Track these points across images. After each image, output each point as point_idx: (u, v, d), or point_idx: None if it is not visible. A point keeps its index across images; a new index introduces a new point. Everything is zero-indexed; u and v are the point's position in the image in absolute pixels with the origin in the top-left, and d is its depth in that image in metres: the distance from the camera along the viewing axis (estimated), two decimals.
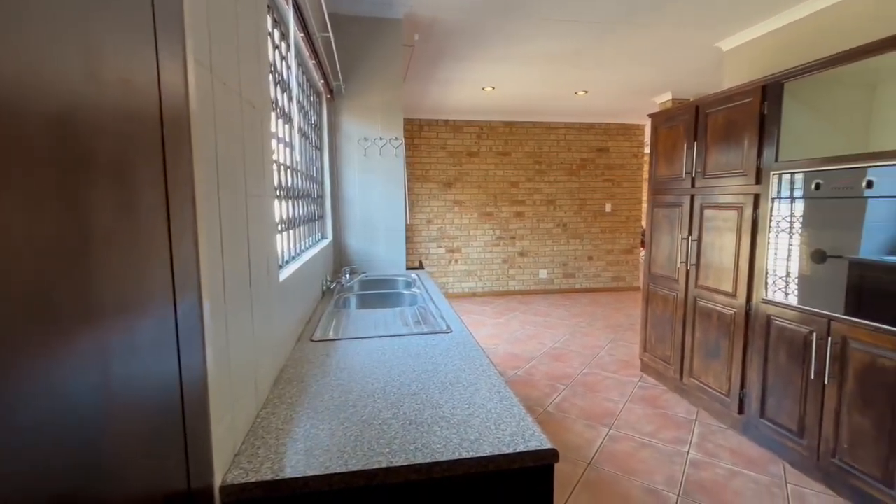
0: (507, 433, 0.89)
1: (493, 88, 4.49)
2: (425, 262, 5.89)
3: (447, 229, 5.92)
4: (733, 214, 2.41)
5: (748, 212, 2.32)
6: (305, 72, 2.25)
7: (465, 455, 0.81)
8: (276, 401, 1.04)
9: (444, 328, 1.59)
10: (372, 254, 2.90)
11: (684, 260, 2.77)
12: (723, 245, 2.49)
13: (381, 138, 2.85)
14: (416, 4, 2.62)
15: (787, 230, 2.12)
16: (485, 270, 6.07)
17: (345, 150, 2.86)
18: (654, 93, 4.71)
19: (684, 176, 2.78)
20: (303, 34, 1.74)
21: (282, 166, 1.64)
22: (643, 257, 3.27)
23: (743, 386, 2.37)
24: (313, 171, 2.49)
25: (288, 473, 0.76)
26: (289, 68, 1.71)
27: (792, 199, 2.09)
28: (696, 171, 2.68)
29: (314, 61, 2.05)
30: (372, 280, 2.60)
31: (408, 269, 2.98)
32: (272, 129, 1.46)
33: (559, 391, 2.99)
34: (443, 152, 5.81)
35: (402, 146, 2.88)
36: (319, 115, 2.72)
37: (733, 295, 2.41)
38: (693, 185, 2.71)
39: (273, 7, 1.54)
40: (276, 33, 1.58)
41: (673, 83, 4.35)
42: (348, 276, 2.37)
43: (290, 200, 1.81)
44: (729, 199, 2.45)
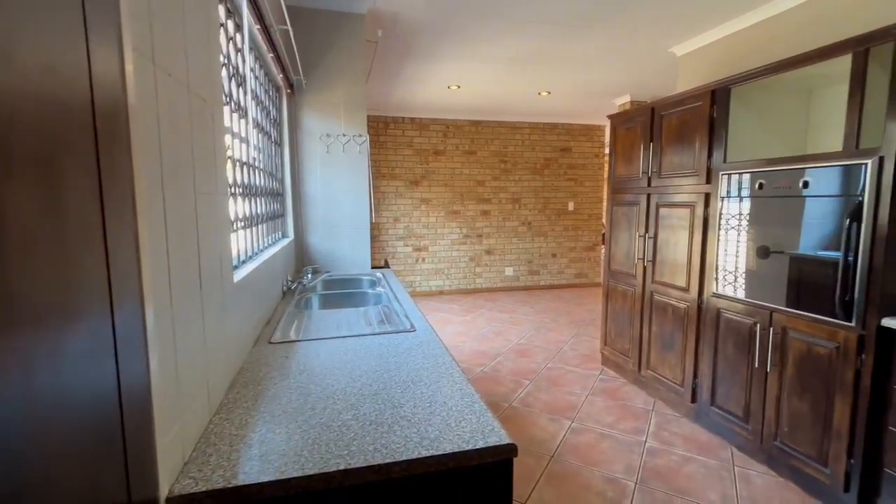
0: (468, 430, 0.89)
1: (459, 87, 4.50)
2: (392, 261, 5.85)
3: (414, 228, 5.89)
4: (686, 213, 2.53)
5: (699, 210, 2.43)
6: (263, 65, 2.18)
7: (424, 454, 0.81)
8: (231, 406, 1.00)
9: (408, 327, 1.59)
10: (336, 253, 2.85)
11: (641, 256, 2.88)
12: (677, 242, 2.60)
13: (345, 135, 2.80)
14: (379, 0, 2.59)
15: (736, 227, 2.24)
16: (452, 269, 6.09)
17: (306, 147, 2.79)
18: (614, 95, 4.87)
19: (641, 175, 2.88)
20: (259, 26, 1.69)
21: (237, 163, 1.58)
22: (604, 254, 3.38)
23: (695, 376, 2.50)
24: (272, 168, 2.42)
25: (241, 480, 0.74)
26: (244, 61, 1.65)
27: (740, 199, 2.21)
28: (652, 171, 2.79)
29: (272, 55, 1.99)
30: (335, 279, 2.56)
31: (373, 267, 2.95)
32: (226, 123, 1.41)
33: (524, 386, 3.05)
34: (409, 150, 5.78)
35: (367, 143, 2.84)
36: (279, 111, 2.64)
37: (686, 289, 2.53)
38: (649, 185, 2.82)
39: None
40: (229, 24, 1.52)
41: (631, 86, 4.51)
42: (310, 275, 2.32)
43: (247, 198, 1.75)
44: (682, 198, 2.56)
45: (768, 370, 2.05)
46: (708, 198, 2.39)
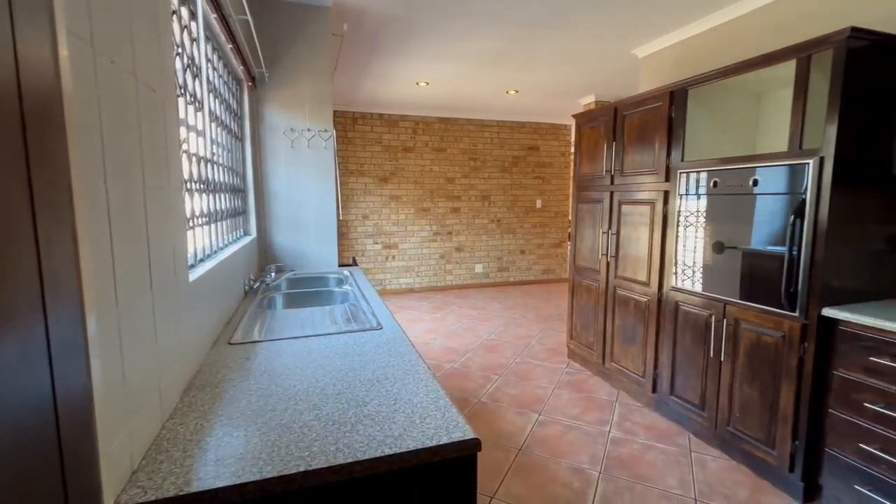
0: (432, 426, 0.89)
1: (427, 84, 4.48)
2: (361, 259, 5.78)
3: (384, 225, 5.84)
4: (647, 210, 2.62)
5: (659, 207, 2.52)
6: (222, 56, 2.10)
7: (387, 452, 0.81)
8: (186, 410, 0.96)
9: (375, 325, 1.57)
10: (301, 251, 2.79)
11: (605, 252, 2.97)
12: (638, 238, 2.69)
13: (310, 130, 2.74)
14: None
15: (693, 224, 2.33)
16: (422, 266, 6.08)
17: (269, 142, 2.71)
18: (579, 95, 4.97)
19: (605, 174, 2.96)
20: (216, 15, 1.62)
21: (194, 157, 1.51)
22: (570, 251, 3.45)
23: (656, 367, 2.59)
24: (233, 164, 2.33)
25: (195, 487, 0.71)
26: (200, 51, 1.58)
27: (697, 196, 2.30)
28: (615, 170, 2.87)
29: (231, 46, 1.92)
30: (300, 278, 2.50)
31: (340, 266, 2.91)
32: (181, 116, 1.35)
33: (493, 381, 3.08)
34: (378, 146, 5.72)
35: (333, 139, 2.79)
36: (240, 104, 2.55)
37: (647, 284, 2.62)
38: (612, 183, 2.90)
39: None
40: (184, 12, 1.45)
41: (596, 86, 4.62)
42: (273, 274, 2.25)
43: (206, 194, 1.68)
44: (643, 196, 2.65)
45: (722, 360, 2.16)
46: (667, 195, 2.48)
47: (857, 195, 1.77)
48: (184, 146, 1.39)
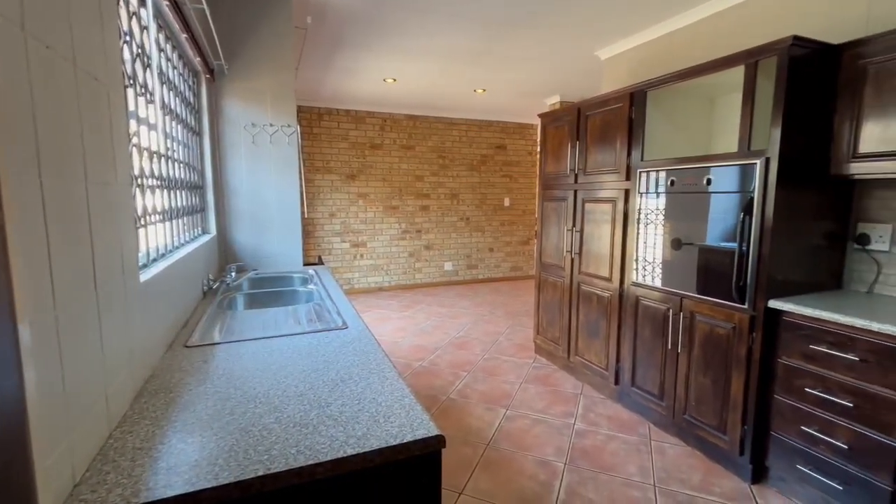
0: (396, 425, 0.88)
1: (395, 81, 4.45)
2: (328, 258, 5.67)
3: (351, 223, 5.76)
4: (609, 208, 2.70)
5: (620, 205, 2.60)
6: (177, 47, 2.01)
7: (350, 452, 0.79)
8: (137, 417, 0.91)
9: (340, 324, 1.55)
10: (263, 250, 2.71)
11: (569, 249, 3.04)
12: (601, 235, 2.77)
13: (272, 125, 2.66)
14: None
15: (653, 221, 2.42)
16: (391, 264, 6.03)
17: (229, 137, 2.61)
18: (545, 95, 5.06)
19: (569, 173, 3.03)
20: (168, 2, 1.54)
21: (145, 151, 1.44)
22: (536, 248, 3.51)
23: (618, 360, 2.68)
24: (190, 159, 2.24)
25: (143, 497, 0.67)
26: (151, 40, 1.50)
27: (657, 194, 2.39)
28: (578, 169, 2.94)
29: (186, 35, 1.83)
30: (263, 278, 2.43)
31: (306, 265, 2.84)
32: (130, 107, 1.28)
33: (461, 378, 3.10)
34: (345, 143, 5.62)
35: (296, 134, 2.72)
36: (198, 97, 2.44)
37: (609, 279, 2.70)
38: (576, 181, 2.97)
39: None
40: None
41: (561, 86, 4.71)
42: (234, 274, 2.18)
43: (159, 190, 1.61)
44: (605, 194, 2.73)
45: (679, 351, 2.25)
46: (628, 194, 2.56)
47: (799, 194, 1.89)
48: (134, 140, 1.32)
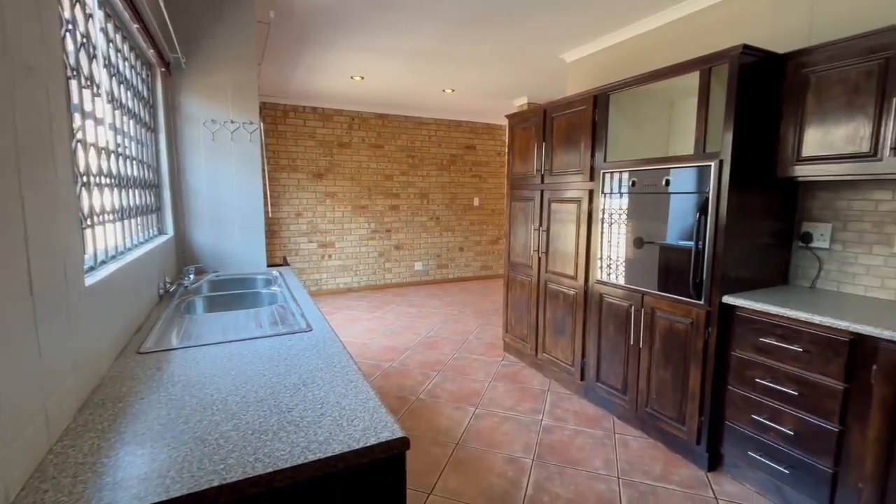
0: (359, 428, 0.87)
1: (363, 79, 4.39)
2: (295, 258, 5.54)
3: (319, 223, 5.64)
4: (574, 208, 2.76)
5: (585, 205, 2.67)
6: (128, 37, 1.91)
7: (311, 458, 0.78)
8: (81, 430, 0.86)
9: (304, 327, 1.51)
10: (224, 251, 2.61)
11: (537, 248, 3.09)
12: (567, 235, 2.83)
13: (233, 122, 2.57)
14: None
15: (616, 221, 2.49)
16: (360, 265, 5.96)
17: (188, 134, 2.51)
18: (513, 96, 5.12)
19: (536, 173, 3.08)
20: None
21: (92, 147, 1.36)
22: (505, 247, 3.55)
23: (583, 356, 2.74)
24: (145, 156, 2.13)
25: None
26: (97, 28, 1.42)
27: (620, 195, 2.46)
28: (545, 169, 2.99)
29: (138, 25, 1.74)
30: (224, 280, 2.34)
31: (270, 266, 2.76)
32: (74, 101, 1.21)
33: (431, 378, 3.10)
34: (311, 141, 5.51)
35: (259, 131, 2.64)
36: (152, 91, 2.33)
37: (575, 278, 2.77)
38: (543, 182, 3.02)
39: None
40: None
41: (528, 88, 4.78)
42: (192, 276, 2.09)
43: (110, 189, 1.52)
44: (571, 194, 2.79)
45: (641, 347, 2.33)
46: (592, 194, 2.63)
47: (750, 194, 1.99)
48: (79, 135, 1.24)
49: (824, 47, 1.80)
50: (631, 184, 2.37)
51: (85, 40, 1.34)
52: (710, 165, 1.96)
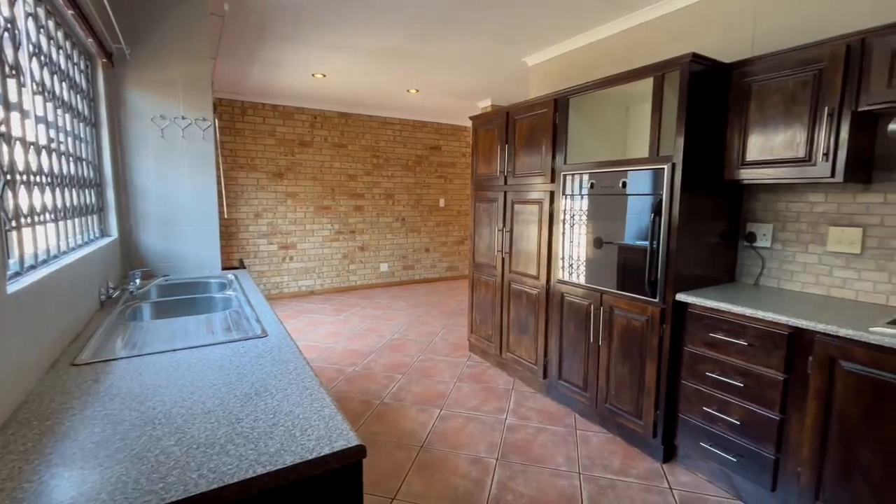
0: (314, 437, 0.84)
1: (325, 76, 4.30)
2: (254, 261, 5.35)
3: (279, 224, 5.47)
4: (536, 209, 2.80)
5: (546, 207, 2.71)
6: (62, 24, 1.77)
7: (260, 471, 0.74)
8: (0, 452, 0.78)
9: (259, 332, 1.45)
10: (176, 254, 2.48)
11: (500, 249, 3.11)
12: (529, 235, 2.87)
13: (185, 118, 2.45)
14: None
15: (577, 222, 2.54)
16: (324, 267, 5.82)
17: (134, 130, 2.36)
18: (477, 98, 5.16)
19: (499, 174, 3.10)
20: None
21: (18, 141, 1.25)
22: (470, 247, 3.56)
23: (546, 355, 2.79)
24: (85, 153, 1.99)
25: None
26: (20, 12, 1.31)
27: (581, 196, 2.51)
28: (507, 171, 3.03)
29: (73, 12, 1.62)
30: (174, 284, 2.22)
31: (225, 269, 2.65)
32: None
33: (396, 381, 3.06)
34: (271, 139, 5.34)
35: (212, 128, 2.52)
36: (93, 84, 2.18)
37: (537, 277, 2.81)
38: (506, 183, 3.05)
39: None
40: None
41: (492, 90, 4.83)
42: (138, 280, 1.97)
43: (40, 188, 1.40)
44: (533, 196, 2.83)
45: (600, 344, 2.39)
46: (553, 195, 2.68)
47: (700, 196, 2.08)
48: (1, 128, 1.13)
49: (764, 58, 1.91)
50: (590, 185, 2.43)
51: (9, 25, 1.23)
52: (664, 168, 2.04)
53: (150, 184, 2.42)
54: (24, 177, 1.28)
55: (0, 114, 1.13)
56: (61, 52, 1.74)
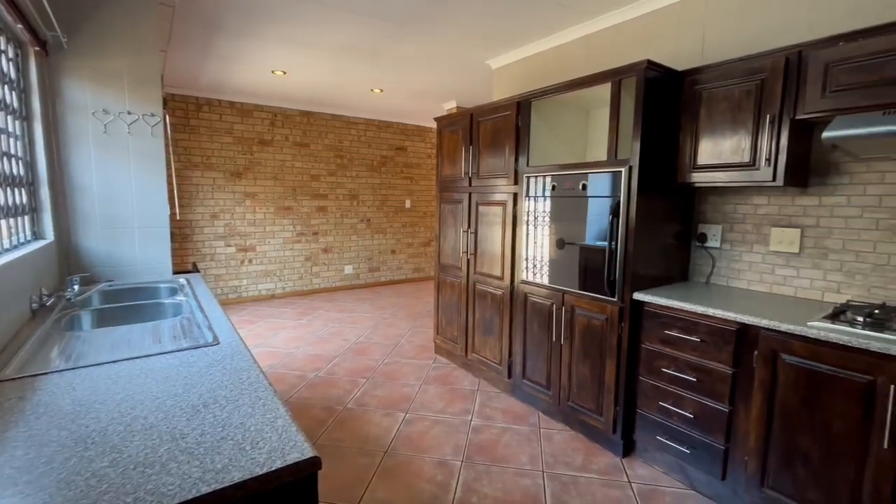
0: (265, 451, 0.80)
1: (285, 73, 4.17)
2: (210, 264, 5.12)
3: (237, 225, 5.27)
4: (500, 210, 2.82)
5: (510, 208, 2.74)
6: None
7: (205, 490, 0.69)
8: None
9: (210, 340, 1.37)
10: (121, 258, 2.32)
11: (465, 250, 3.12)
12: (493, 236, 2.89)
13: (131, 113, 2.30)
14: None
15: (540, 223, 2.58)
16: (285, 269, 5.65)
17: (72, 124, 2.20)
18: (442, 99, 5.16)
19: (464, 176, 3.11)
20: None
21: None
22: (435, 249, 3.55)
23: (510, 354, 2.81)
24: (13, 148, 1.83)
25: None
26: None
27: (544, 198, 2.55)
28: (472, 172, 3.03)
29: None
30: (119, 290, 2.08)
31: (177, 273, 2.51)
32: None
33: (360, 385, 3.00)
34: (229, 138, 5.13)
35: (162, 125, 2.39)
36: (23, 73, 2.01)
37: (501, 278, 2.83)
38: (470, 185, 3.06)
39: None
40: None
41: (457, 92, 4.84)
42: (77, 287, 1.83)
43: None
44: (497, 197, 2.85)
45: (562, 343, 2.43)
46: (516, 197, 2.71)
47: (656, 198, 2.16)
48: None
49: (713, 67, 2.00)
50: (552, 188, 2.47)
51: None
52: (622, 171, 2.09)
53: (92, 182, 2.25)
54: None
55: None
56: None
